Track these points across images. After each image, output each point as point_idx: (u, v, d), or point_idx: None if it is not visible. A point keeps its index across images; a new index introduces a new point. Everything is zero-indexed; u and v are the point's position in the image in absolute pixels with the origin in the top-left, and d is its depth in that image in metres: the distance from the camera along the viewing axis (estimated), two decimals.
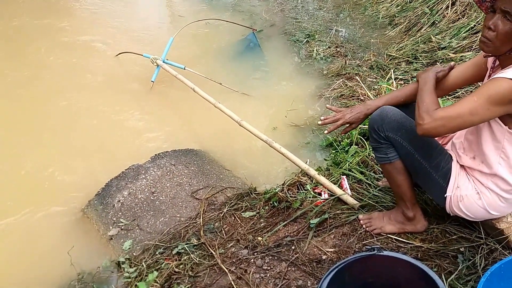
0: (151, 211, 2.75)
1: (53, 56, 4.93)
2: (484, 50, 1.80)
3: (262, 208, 2.64)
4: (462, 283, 1.94)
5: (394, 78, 3.92)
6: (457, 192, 2.00)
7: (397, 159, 2.09)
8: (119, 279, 2.36)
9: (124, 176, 3.00)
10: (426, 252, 2.12)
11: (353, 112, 2.26)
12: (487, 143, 1.88)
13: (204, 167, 3.12)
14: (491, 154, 1.89)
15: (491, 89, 1.69)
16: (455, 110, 1.75)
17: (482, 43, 1.78)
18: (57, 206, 2.96)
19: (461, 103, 1.75)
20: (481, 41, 1.79)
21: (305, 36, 5.30)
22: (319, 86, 4.24)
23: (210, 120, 3.74)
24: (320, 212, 2.48)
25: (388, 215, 2.29)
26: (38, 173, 3.29)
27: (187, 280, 2.20)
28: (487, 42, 1.75)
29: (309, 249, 2.28)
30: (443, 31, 4.55)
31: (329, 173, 2.82)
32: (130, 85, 4.45)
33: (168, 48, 4.46)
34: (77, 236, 2.72)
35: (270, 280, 2.13)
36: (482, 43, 1.78)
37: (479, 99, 1.70)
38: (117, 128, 3.81)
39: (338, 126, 2.29)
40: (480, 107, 1.70)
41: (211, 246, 2.39)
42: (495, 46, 1.74)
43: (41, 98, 4.20)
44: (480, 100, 1.70)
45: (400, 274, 1.63)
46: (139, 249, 2.52)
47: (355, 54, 4.81)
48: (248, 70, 4.70)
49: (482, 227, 2.15)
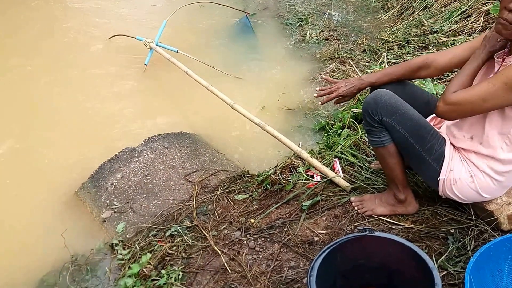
0: (144, 193, 2.76)
1: (44, 39, 4.88)
2: (501, 33, 1.75)
3: (255, 190, 2.66)
4: (452, 264, 1.97)
5: (386, 61, 3.93)
6: (450, 175, 2.01)
7: (390, 142, 2.10)
8: (112, 261, 2.38)
9: (117, 159, 3.00)
10: (417, 233, 2.15)
11: (347, 85, 2.27)
12: (493, 126, 1.87)
13: (197, 150, 3.13)
14: (495, 137, 1.88)
15: (509, 75, 1.67)
16: (468, 96, 1.77)
17: (501, 25, 1.72)
18: (50, 189, 2.96)
19: (475, 89, 1.76)
20: (500, 23, 1.72)
21: (298, 20, 5.28)
22: (311, 70, 4.24)
23: (203, 103, 3.74)
24: (312, 194, 2.50)
25: (379, 197, 2.31)
26: (31, 156, 3.28)
27: (180, 261, 2.22)
28: (508, 25, 1.70)
29: (301, 231, 2.30)
30: (435, 15, 4.55)
31: (322, 156, 2.84)
32: (122, 68, 4.42)
33: (161, 31, 4.43)
34: (70, 219, 2.73)
35: (262, 261, 2.15)
36: (502, 26, 1.72)
37: (495, 85, 1.70)
38: (109, 111, 3.80)
39: (331, 98, 2.31)
40: (496, 93, 1.70)
41: (204, 228, 2.41)
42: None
43: (33, 81, 4.17)
44: (497, 87, 1.70)
45: (391, 255, 1.65)
46: (132, 232, 2.53)
47: (348, 38, 4.80)
48: (241, 54, 4.68)
49: (472, 209, 2.18)
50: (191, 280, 2.13)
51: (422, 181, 2.41)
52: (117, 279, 2.25)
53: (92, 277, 2.32)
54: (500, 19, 1.72)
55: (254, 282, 2.04)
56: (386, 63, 3.88)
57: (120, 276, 2.25)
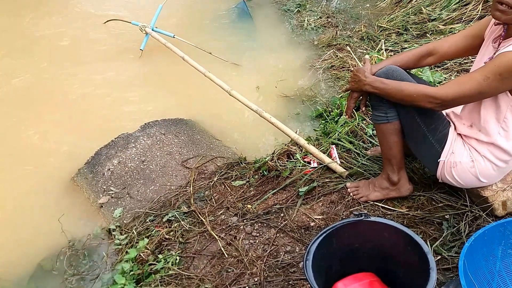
0: (141, 179, 2.76)
1: (40, 25, 4.85)
2: (500, 18, 1.74)
3: (252, 177, 2.66)
4: (447, 249, 1.99)
5: (384, 49, 3.92)
6: (451, 158, 2.02)
7: (396, 119, 2.09)
8: (109, 246, 2.39)
9: (114, 144, 3.00)
10: (412, 219, 2.16)
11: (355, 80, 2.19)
12: (489, 112, 1.89)
13: (194, 137, 3.13)
14: (492, 123, 1.90)
15: (502, 66, 1.69)
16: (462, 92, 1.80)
17: (499, 11, 1.72)
18: (46, 175, 2.96)
19: (468, 84, 1.79)
20: (498, 9, 1.72)
21: (296, 6, 5.26)
22: (309, 57, 4.23)
23: (200, 89, 3.72)
24: (309, 180, 2.51)
25: (373, 183, 2.32)
26: (27, 141, 3.29)
27: (177, 246, 2.23)
28: (507, 10, 1.69)
29: (298, 216, 2.31)
30: (433, 3, 4.53)
31: (319, 143, 2.84)
32: (118, 54, 4.41)
33: (157, 16, 4.40)
34: (67, 204, 2.73)
35: (259, 246, 2.17)
36: (500, 12, 1.71)
37: (489, 78, 1.72)
38: (105, 97, 3.79)
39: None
40: (491, 85, 1.74)
41: (201, 214, 2.42)
42: None
43: (29, 67, 4.15)
44: (491, 79, 1.72)
45: (386, 239, 1.66)
46: (129, 217, 2.54)
47: (346, 25, 4.78)
48: (238, 40, 4.66)
49: (468, 195, 2.19)
50: (188, 264, 2.14)
51: (418, 168, 2.42)
52: (114, 263, 2.27)
53: (89, 262, 2.34)
54: (497, 4, 1.72)
55: (251, 267, 2.06)
56: (384, 50, 3.87)
57: (118, 261, 2.27)
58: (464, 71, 3.31)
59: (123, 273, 2.09)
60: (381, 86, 2.03)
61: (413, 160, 2.49)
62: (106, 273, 2.25)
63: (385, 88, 2.01)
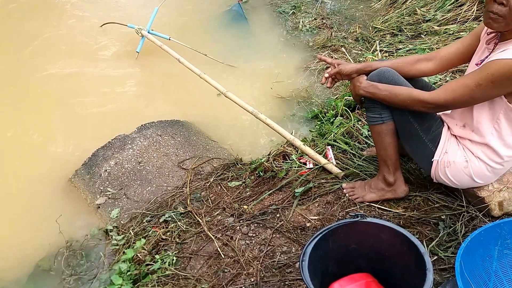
0: (138, 180, 2.77)
1: (36, 28, 4.83)
2: (492, 27, 1.76)
3: (248, 178, 2.67)
4: (443, 249, 2.01)
5: (379, 50, 3.94)
6: (444, 157, 2.04)
7: (390, 120, 2.11)
8: (107, 247, 2.40)
9: (111, 146, 3.00)
10: (408, 219, 2.18)
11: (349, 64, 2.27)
12: (482, 113, 1.91)
13: (191, 138, 3.14)
14: (485, 123, 1.92)
15: (495, 74, 1.70)
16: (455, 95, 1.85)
17: (491, 20, 1.72)
18: (44, 176, 2.97)
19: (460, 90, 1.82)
20: (490, 18, 1.72)
21: (291, 8, 5.26)
22: (304, 58, 4.24)
23: (196, 91, 3.73)
24: (305, 181, 2.52)
25: (369, 184, 2.34)
26: (25, 143, 3.29)
27: (174, 246, 2.24)
28: (498, 18, 1.70)
29: (294, 217, 2.32)
30: (428, 4, 4.55)
31: (314, 144, 2.85)
32: (115, 56, 4.41)
33: (153, 19, 4.40)
34: (64, 205, 2.74)
35: (255, 246, 2.18)
36: (492, 20, 1.72)
37: (481, 84, 1.75)
38: (102, 98, 3.79)
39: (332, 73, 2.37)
40: (484, 92, 1.77)
41: (198, 214, 2.43)
42: (507, 22, 1.70)
43: (26, 68, 4.15)
44: (483, 86, 1.75)
45: (383, 240, 1.67)
46: (126, 218, 2.55)
47: (341, 26, 4.79)
48: (234, 42, 4.65)
49: (464, 195, 2.20)
50: (184, 264, 2.15)
51: (414, 168, 2.44)
52: (111, 264, 2.28)
53: (86, 262, 2.34)
54: (490, 13, 1.72)
55: (247, 267, 2.07)
56: (379, 51, 3.89)
57: (115, 261, 2.27)
58: (460, 72, 3.32)
59: (120, 273, 2.10)
60: (374, 91, 2.06)
61: (408, 160, 2.50)
62: (103, 273, 2.25)
63: (379, 93, 2.05)
